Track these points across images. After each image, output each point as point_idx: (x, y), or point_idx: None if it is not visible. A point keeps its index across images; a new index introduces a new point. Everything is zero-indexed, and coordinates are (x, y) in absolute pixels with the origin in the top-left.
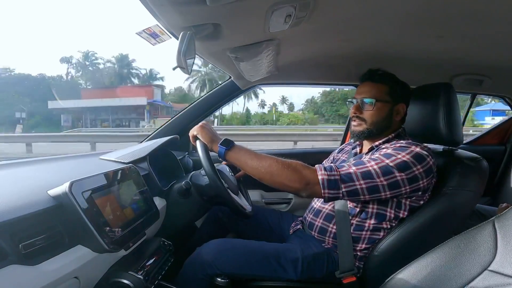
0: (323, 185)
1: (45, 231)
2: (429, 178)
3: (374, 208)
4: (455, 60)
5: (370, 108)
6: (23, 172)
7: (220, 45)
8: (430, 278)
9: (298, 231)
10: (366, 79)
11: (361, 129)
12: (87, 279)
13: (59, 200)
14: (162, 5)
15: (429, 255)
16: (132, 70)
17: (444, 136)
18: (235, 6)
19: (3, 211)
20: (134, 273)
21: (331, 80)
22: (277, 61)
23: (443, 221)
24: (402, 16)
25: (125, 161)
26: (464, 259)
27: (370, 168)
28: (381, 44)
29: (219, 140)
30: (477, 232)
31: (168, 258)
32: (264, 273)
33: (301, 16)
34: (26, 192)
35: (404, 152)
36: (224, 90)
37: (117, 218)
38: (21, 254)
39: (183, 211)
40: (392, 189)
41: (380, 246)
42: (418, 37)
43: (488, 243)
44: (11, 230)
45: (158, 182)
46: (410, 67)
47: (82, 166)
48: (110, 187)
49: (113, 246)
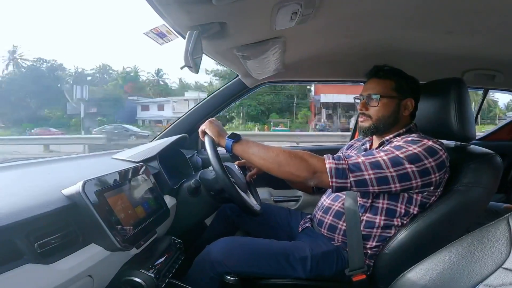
0: (331, 174)
1: (59, 230)
2: (441, 172)
3: (384, 203)
4: (466, 55)
5: (375, 104)
6: (38, 172)
7: (226, 43)
8: (442, 276)
9: (307, 229)
10: (372, 75)
11: (367, 125)
12: (100, 278)
13: (73, 199)
14: (168, 5)
15: (441, 252)
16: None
17: (456, 132)
18: (241, 5)
19: (19, 211)
20: (145, 271)
21: (339, 77)
22: (284, 58)
23: (455, 218)
24: (411, 11)
25: (136, 160)
26: (477, 257)
27: (379, 158)
28: (389, 40)
29: (226, 134)
30: (491, 229)
31: (179, 256)
32: (273, 271)
33: (307, 13)
34: (41, 192)
35: (415, 145)
36: (232, 88)
37: (129, 217)
38: (36, 253)
39: (192, 209)
40: (402, 181)
41: (391, 244)
42: (427, 32)
43: (502, 241)
44: (27, 229)
45: (168, 180)
46: (420, 63)
47: (95, 165)
48: (122, 186)
49: (125, 244)
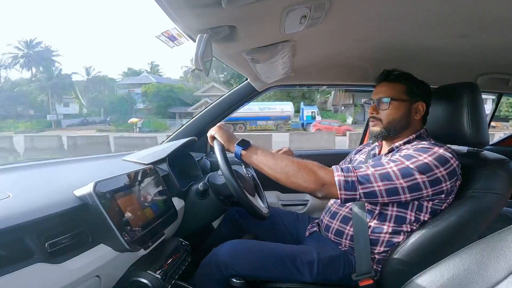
0: (340, 186)
1: (70, 230)
2: (452, 181)
3: (393, 210)
4: (480, 59)
5: (386, 106)
6: (50, 173)
7: (236, 47)
8: (452, 282)
9: (314, 233)
10: (382, 79)
11: (378, 129)
12: (108, 278)
13: (84, 199)
14: (180, 8)
15: (452, 259)
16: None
17: (469, 137)
18: (250, 8)
19: (31, 210)
20: (152, 273)
21: (349, 81)
22: (293, 62)
23: (467, 225)
24: (423, 14)
25: (146, 162)
26: (489, 263)
27: (389, 169)
28: (401, 43)
29: (235, 140)
30: (504, 235)
31: (185, 258)
32: (279, 275)
33: (317, 17)
34: (53, 192)
35: (426, 153)
36: (241, 92)
37: (138, 218)
38: (47, 253)
39: (200, 212)
40: (413, 192)
41: (399, 249)
42: (440, 36)
43: None
44: (38, 228)
45: (177, 182)
46: (432, 67)
47: (106, 166)
48: (132, 188)
49: (133, 245)
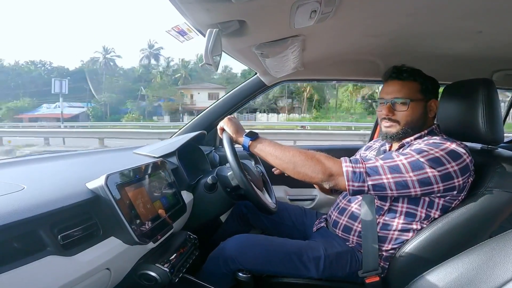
0: (348, 177)
1: (82, 223)
2: (465, 176)
3: (403, 207)
4: (496, 55)
5: (404, 108)
6: (63, 165)
7: (245, 41)
8: (459, 281)
9: (321, 229)
10: (393, 77)
11: (395, 131)
12: (117, 271)
13: (96, 192)
14: (189, 3)
15: (460, 257)
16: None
17: (483, 134)
18: (260, 3)
19: (44, 202)
20: (160, 266)
21: (359, 76)
22: (303, 57)
23: (478, 223)
24: (437, 10)
25: (156, 156)
26: (497, 262)
27: (398, 162)
28: (414, 39)
29: (244, 132)
30: None
31: (193, 252)
32: (286, 270)
33: (327, 12)
34: (66, 184)
35: (438, 148)
36: (250, 86)
37: (147, 211)
38: (59, 245)
39: (208, 206)
40: (423, 186)
41: (408, 247)
42: (455, 32)
43: None
44: (51, 221)
45: (186, 176)
46: (446, 63)
47: (117, 159)
48: (142, 181)
49: (143, 238)
